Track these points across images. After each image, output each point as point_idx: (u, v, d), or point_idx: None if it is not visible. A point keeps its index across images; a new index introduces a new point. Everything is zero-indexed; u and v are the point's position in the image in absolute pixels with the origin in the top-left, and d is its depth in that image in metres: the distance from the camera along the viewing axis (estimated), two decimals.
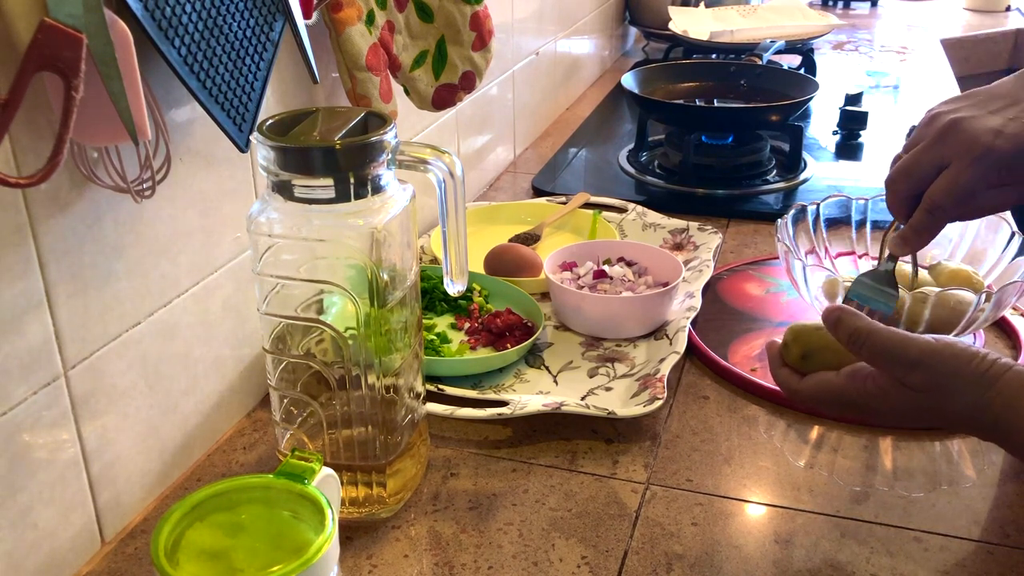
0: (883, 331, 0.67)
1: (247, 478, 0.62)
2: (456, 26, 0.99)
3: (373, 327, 0.68)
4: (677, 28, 1.98)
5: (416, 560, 0.71)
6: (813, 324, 0.74)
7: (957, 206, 0.76)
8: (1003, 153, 0.74)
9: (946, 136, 0.76)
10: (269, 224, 0.66)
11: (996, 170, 0.74)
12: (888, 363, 0.66)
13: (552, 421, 0.85)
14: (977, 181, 0.75)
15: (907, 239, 0.80)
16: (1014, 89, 0.78)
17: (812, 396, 0.72)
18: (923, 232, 0.79)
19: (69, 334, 0.66)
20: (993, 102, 0.77)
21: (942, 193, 0.76)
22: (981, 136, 0.74)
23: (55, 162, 0.54)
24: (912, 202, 0.79)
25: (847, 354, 0.69)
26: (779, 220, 1.01)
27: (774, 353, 0.76)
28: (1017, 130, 0.74)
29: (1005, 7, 2.59)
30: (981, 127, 0.75)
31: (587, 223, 1.21)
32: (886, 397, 0.67)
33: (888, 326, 0.67)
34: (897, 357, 0.66)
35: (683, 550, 0.71)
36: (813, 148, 1.53)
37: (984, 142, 0.74)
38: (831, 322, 0.70)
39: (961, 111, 0.77)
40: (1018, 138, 0.74)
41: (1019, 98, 0.76)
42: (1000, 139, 0.74)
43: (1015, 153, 0.74)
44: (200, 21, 0.63)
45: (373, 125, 0.68)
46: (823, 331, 0.71)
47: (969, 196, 0.76)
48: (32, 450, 0.64)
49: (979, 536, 0.72)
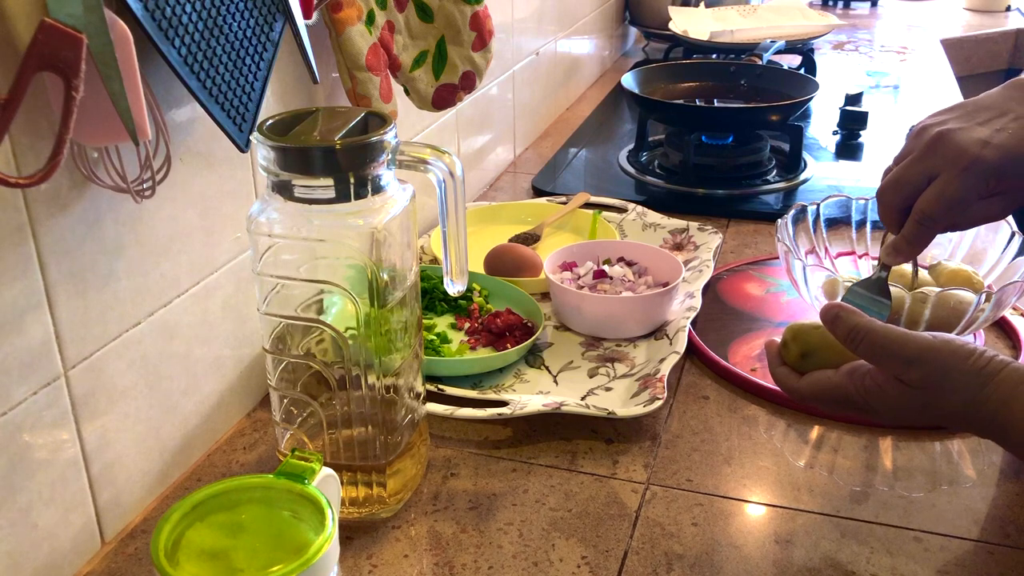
0: (881, 328, 0.67)
1: (247, 478, 0.62)
2: (456, 26, 0.99)
3: (373, 327, 0.68)
4: (677, 28, 1.98)
5: (416, 560, 0.71)
6: (812, 323, 0.74)
7: (947, 216, 0.77)
8: (991, 163, 0.74)
9: (934, 148, 0.77)
10: (269, 224, 0.66)
11: (984, 180, 0.75)
12: (886, 360, 0.67)
13: (552, 421, 0.85)
14: (966, 191, 0.75)
15: (899, 249, 0.81)
16: (1000, 100, 0.78)
17: (811, 394, 0.72)
18: (914, 242, 0.79)
19: (69, 334, 0.66)
20: (980, 113, 0.78)
21: (932, 204, 0.77)
22: (969, 147, 0.75)
23: (55, 162, 0.54)
24: (903, 213, 0.79)
25: (846, 353, 0.69)
26: (779, 220, 1.01)
27: (773, 352, 0.76)
28: (1004, 141, 0.75)
29: (1005, 7, 2.59)
30: (968, 138, 0.75)
31: (587, 223, 1.21)
32: (884, 394, 0.67)
33: (886, 323, 0.68)
34: (895, 353, 0.66)
35: (683, 550, 0.71)
36: (813, 148, 1.53)
37: (972, 153, 0.74)
38: (829, 319, 0.70)
39: (948, 123, 0.77)
40: (1005, 148, 0.74)
41: (1006, 109, 0.77)
42: (987, 149, 0.74)
43: (1002, 163, 0.74)
44: (200, 21, 0.63)
45: (373, 125, 0.68)
46: (822, 330, 0.71)
47: (959, 206, 0.76)
48: (32, 450, 0.64)
49: (979, 536, 0.72)
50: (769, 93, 1.50)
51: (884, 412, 0.69)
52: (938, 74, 1.99)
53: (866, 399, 0.68)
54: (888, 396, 0.67)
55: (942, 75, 1.98)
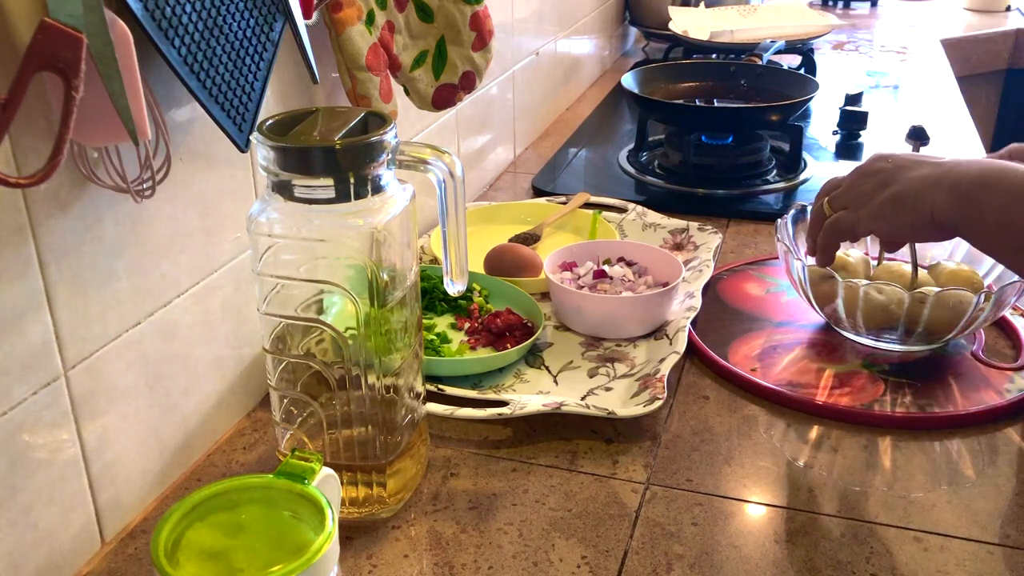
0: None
1: (247, 478, 0.62)
2: (456, 26, 0.99)
3: (373, 327, 0.68)
4: (677, 28, 1.98)
5: (416, 560, 0.71)
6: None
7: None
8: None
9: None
10: (269, 224, 0.66)
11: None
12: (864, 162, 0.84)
13: (552, 421, 0.85)
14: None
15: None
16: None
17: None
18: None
19: (69, 334, 0.66)
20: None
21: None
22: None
23: (55, 162, 0.53)
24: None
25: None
26: (779, 220, 1.01)
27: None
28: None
29: (1005, 7, 2.59)
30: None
31: (587, 223, 1.21)
32: (859, 178, 0.83)
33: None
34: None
35: (683, 550, 0.71)
36: (813, 148, 1.53)
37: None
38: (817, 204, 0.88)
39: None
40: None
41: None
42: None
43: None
44: (200, 21, 0.63)
45: (373, 125, 0.68)
46: None
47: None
48: (32, 450, 0.64)
49: (979, 536, 0.72)
50: (769, 93, 1.50)
51: (859, 197, 0.82)
52: (938, 74, 1.99)
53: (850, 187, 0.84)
54: (862, 178, 0.83)
55: (942, 75, 1.98)
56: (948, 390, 0.89)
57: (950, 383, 0.90)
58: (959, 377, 0.91)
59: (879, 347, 0.95)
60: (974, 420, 0.85)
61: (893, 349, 0.95)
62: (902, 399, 0.87)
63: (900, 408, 0.86)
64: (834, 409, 0.86)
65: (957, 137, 1.59)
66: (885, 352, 0.95)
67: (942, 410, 0.86)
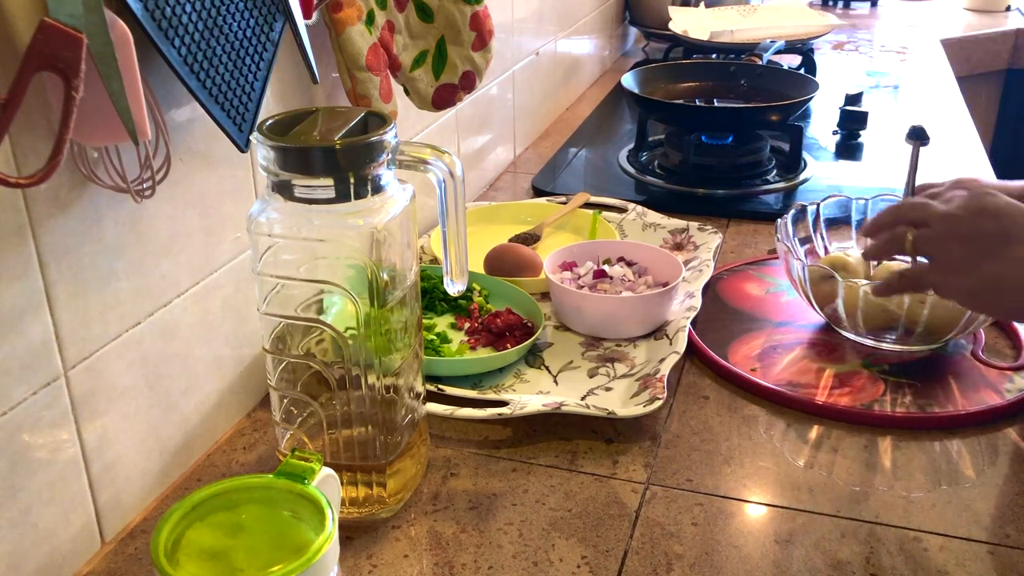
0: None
1: (247, 478, 0.62)
2: (456, 26, 0.99)
3: (373, 327, 0.68)
4: (677, 28, 1.98)
5: (416, 560, 0.71)
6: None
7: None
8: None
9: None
10: (269, 224, 0.66)
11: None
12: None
13: (552, 421, 0.85)
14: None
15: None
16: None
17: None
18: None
19: (69, 334, 0.66)
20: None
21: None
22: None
23: (55, 162, 0.53)
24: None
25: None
26: (779, 220, 1.01)
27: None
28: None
29: (1005, 7, 2.59)
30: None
31: (587, 223, 1.21)
32: (957, 237, 0.75)
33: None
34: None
35: (683, 550, 0.71)
36: (813, 148, 1.53)
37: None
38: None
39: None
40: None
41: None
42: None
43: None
44: (200, 21, 0.63)
45: (373, 125, 0.68)
46: None
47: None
48: (32, 450, 0.64)
49: (979, 536, 0.72)
50: (769, 93, 1.50)
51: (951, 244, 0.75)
52: (938, 74, 1.99)
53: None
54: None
55: (942, 75, 1.98)
56: (948, 390, 0.89)
57: (950, 383, 0.90)
58: (959, 377, 0.91)
59: (879, 347, 0.95)
60: (974, 420, 0.85)
61: (893, 349, 0.95)
62: (902, 399, 0.87)
63: (900, 408, 0.86)
64: (834, 409, 0.86)
65: (957, 137, 1.59)
66: (885, 352, 0.95)
67: (942, 410, 0.86)
